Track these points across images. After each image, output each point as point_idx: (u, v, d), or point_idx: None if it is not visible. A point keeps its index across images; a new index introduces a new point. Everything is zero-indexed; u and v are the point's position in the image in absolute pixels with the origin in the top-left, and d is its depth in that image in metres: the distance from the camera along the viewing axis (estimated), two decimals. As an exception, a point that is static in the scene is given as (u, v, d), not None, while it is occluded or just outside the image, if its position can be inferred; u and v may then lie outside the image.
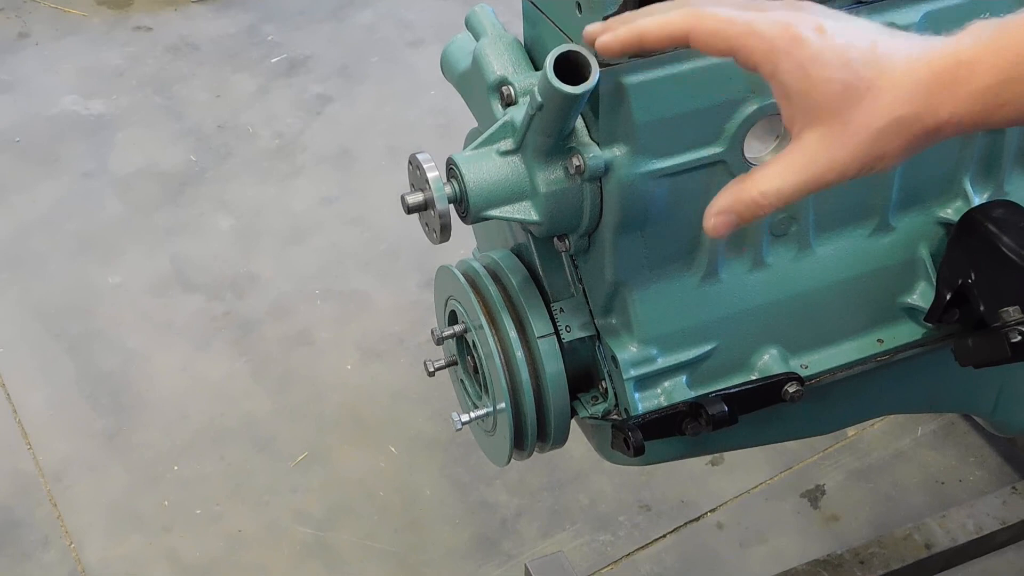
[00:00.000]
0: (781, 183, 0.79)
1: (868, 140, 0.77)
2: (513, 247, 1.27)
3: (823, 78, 0.76)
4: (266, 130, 2.98)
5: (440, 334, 1.31)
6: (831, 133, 0.77)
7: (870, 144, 0.77)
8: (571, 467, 2.12)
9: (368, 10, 3.40)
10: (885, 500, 2.07)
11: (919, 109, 0.77)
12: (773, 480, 2.11)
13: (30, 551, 2.05)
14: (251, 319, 2.47)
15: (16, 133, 3.01)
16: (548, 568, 1.81)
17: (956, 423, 2.17)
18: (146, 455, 2.21)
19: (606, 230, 1.12)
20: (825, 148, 0.77)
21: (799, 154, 0.78)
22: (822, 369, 1.23)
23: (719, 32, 0.80)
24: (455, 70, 1.27)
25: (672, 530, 2.04)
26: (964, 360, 1.17)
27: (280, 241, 2.67)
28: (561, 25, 1.09)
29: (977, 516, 1.90)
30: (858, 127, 0.76)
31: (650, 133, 1.07)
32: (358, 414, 2.27)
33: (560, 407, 1.22)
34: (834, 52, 0.77)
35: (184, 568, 2.03)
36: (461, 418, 1.29)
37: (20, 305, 2.53)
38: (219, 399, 2.31)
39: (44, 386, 2.35)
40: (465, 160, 1.10)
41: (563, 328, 1.20)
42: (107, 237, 2.69)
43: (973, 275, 1.17)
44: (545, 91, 1.00)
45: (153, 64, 3.24)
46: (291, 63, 3.22)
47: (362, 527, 2.07)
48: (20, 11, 3.47)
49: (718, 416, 1.16)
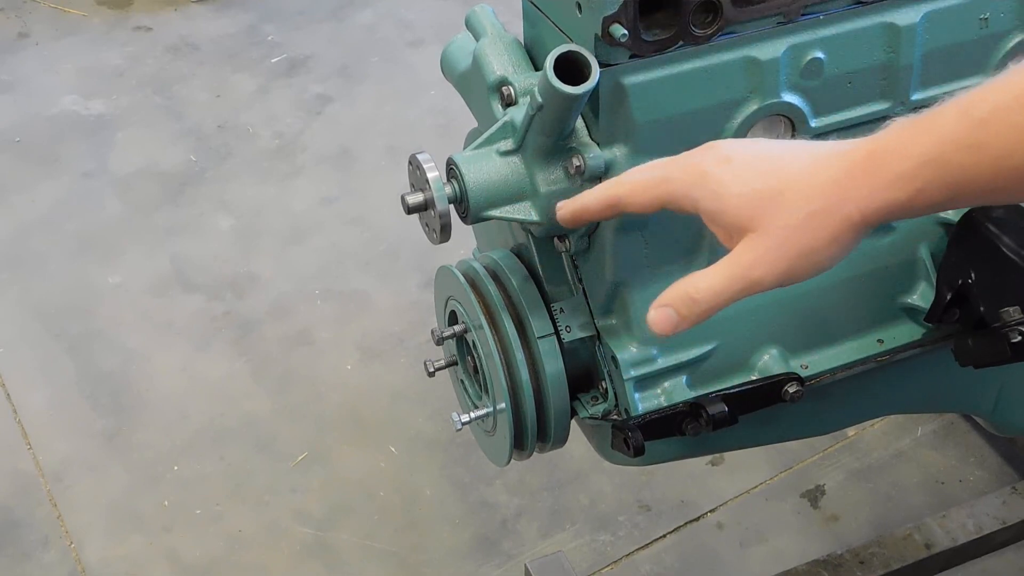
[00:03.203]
0: (712, 281, 0.85)
1: (787, 238, 0.83)
2: (513, 247, 1.27)
3: (733, 195, 0.84)
4: (266, 130, 2.98)
5: (440, 334, 1.31)
6: (754, 238, 0.83)
7: (790, 241, 0.83)
8: (571, 467, 2.12)
9: (368, 10, 3.41)
10: (885, 500, 2.07)
11: (833, 202, 0.82)
12: (773, 480, 2.11)
13: (30, 551, 2.05)
14: (251, 319, 2.47)
15: (16, 133, 3.01)
16: (548, 568, 1.81)
17: (956, 423, 2.17)
18: (146, 455, 2.21)
19: (606, 230, 1.12)
20: (750, 250, 0.83)
21: (730, 258, 0.85)
22: (822, 369, 1.23)
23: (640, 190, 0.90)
24: (455, 70, 1.27)
25: (672, 530, 2.04)
26: (964, 360, 1.17)
27: (280, 241, 2.67)
28: (561, 25, 1.09)
29: (977, 516, 1.90)
30: (775, 228, 0.82)
31: (650, 133, 1.07)
32: (358, 414, 2.27)
33: (560, 407, 1.22)
34: (740, 174, 0.84)
35: (184, 568, 2.03)
36: (461, 418, 1.29)
37: (20, 305, 2.53)
38: (219, 399, 2.31)
39: (44, 386, 2.35)
40: (465, 160, 1.10)
41: (563, 328, 1.20)
42: (107, 237, 2.69)
43: (973, 275, 1.17)
44: (545, 91, 1.00)
45: (153, 64, 3.24)
46: (291, 63, 3.22)
47: (362, 527, 2.07)
48: (20, 11, 3.47)
49: (718, 416, 1.16)
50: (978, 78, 1.17)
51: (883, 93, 1.14)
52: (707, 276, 0.85)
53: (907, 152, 0.81)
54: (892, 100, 1.15)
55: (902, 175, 0.81)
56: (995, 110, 0.78)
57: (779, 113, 1.11)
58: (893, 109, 1.15)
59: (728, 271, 0.84)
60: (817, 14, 1.08)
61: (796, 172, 0.83)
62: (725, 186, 0.84)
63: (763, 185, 0.83)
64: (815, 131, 1.13)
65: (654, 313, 0.88)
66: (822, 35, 1.09)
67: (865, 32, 1.11)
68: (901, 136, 0.82)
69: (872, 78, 1.13)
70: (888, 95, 1.15)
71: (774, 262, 0.83)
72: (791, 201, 0.82)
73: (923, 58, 1.13)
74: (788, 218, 0.82)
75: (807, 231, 0.82)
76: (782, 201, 0.82)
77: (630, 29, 1.00)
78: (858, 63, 1.12)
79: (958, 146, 0.79)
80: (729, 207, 0.84)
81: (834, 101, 1.13)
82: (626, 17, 1.00)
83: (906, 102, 1.15)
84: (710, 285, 0.85)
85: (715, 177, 0.85)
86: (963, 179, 0.80)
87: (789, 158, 0.85)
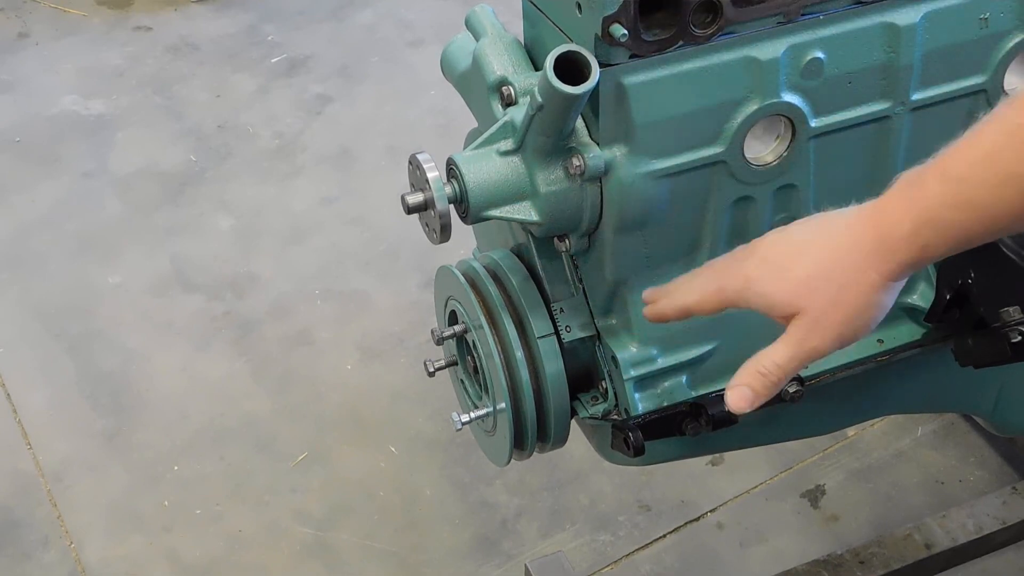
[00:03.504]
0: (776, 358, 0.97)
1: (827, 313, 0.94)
2: (513, 247, 1.27)
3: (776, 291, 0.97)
4: (266, 130, 2.98)
5: (440, 334, 1.31)
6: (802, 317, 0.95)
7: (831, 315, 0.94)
8: (571, 467, 2.12)
9: (368, 10, 3.40)
10: (885, 500, 2.07)
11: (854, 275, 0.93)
12: (773, 480, 2.11)
13: (30, 551, 2.05)
14: (251, 319, 2.47)
15: (16, 133, 3.01)
16: (548, 568, 1.81)
17: (956, 423, 2.17)
18: (146, 455, 2.21)
19: (606, 230, 1.12)
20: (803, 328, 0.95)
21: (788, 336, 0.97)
22: (822, 369, 1.23)
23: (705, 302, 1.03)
24: (455, 70, 1.27)
25: (672, 530, 2.04)
26: (964, 360, 1.17)
27: (280, 241, 2.67)
28: (561, 25, 1.08)
29: (977, 516, 1.90)
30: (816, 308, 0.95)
31: (650, 133, 1.07)
32: (358, 414, 2.27)
33: (560, 407, 1.22)
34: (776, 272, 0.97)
35: (184, 568, 2.03)
36: (461, 418, 1.29)
37: (20, 305, 2.53)
38: (219, 399, 2.31)
39: (44, 386, 2.35)
40: (465, 160, 1.10)
41: (563, 328, 1.20)
42: (107, 237, 2.69)
43: (973, 275, 1.17)
44: (545, 91, 1.00)
45: (153, 64, 3.24)
46: (291, 63, 3.21)
47: (362, 527, 2.07)
48: (20, 11, 3.47)
49: (718, 416, 1.16)
50: (978, 78, 1.17)
51: (883, 93, 1.14)
52: (771, 354, 0.97)
53: (903, 218, 0.90)
54: (892, 100, 1.15)
55: (904, 238, 0.90)
56: (971, 167, 0.86)
57: (779, 113, 1.11)
58: (893, 109, 1.15)
59: (789, 348, 0.96)
60: (817, 14, 1.08)
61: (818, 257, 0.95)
62: (767, 285, 0.97)
63: (797, 275, 0.95)
64: (815, 131, 1.14)
65: (731, 394, 0.98)
66: (822, 35, 1.09)
67: (865, 32, 1.11)
68: (897, 203, 0.91)
69: (872, 78, 1.13)
70: (888, 95, 1.15)
71: (824, 333, 0.95)
72: (822, 283, 0.94)
73: (923, 58, 1.13)
74: (823, 297, 0.94)
75: (842, 304, 0.93)
76: (815, 285, 0.94)
77: (630, 29, 1.00)
78: (858, 63, 1.12)
79: (945, 206, 0.88)
80: (776, 302, 0.96)
81: (834, 101, 1.13)
82: (626, 17, 1.00)
83: (906, 102, 1.15)
84: (774, 361, 0.97)
85: (757, 280, 0.98)
86: (960, 232, 0.89)
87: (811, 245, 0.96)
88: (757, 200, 1.15)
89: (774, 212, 1.17)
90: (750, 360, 0.98)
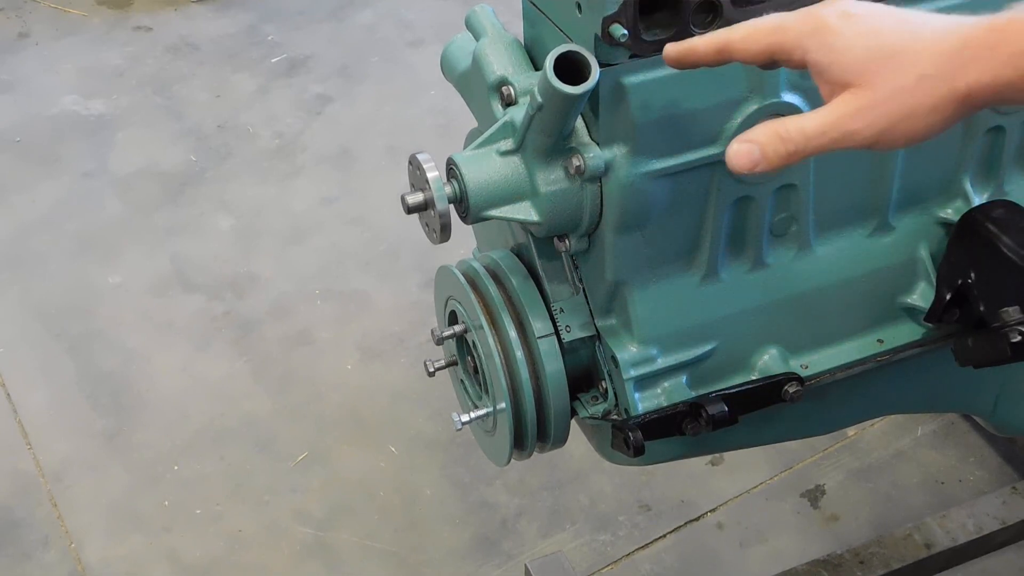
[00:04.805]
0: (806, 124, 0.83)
1: (893, 96, 0.82)
2: (513, 247, 1.27)
3: (848, 47, 0.83)
4: (266, 130, 2.99)
5: (440, 334, 1.31)
6: (858, 91, 0.82)
7: (895, 100, 0.82)
8: (571, 467, 2.12)
9: (368, 10, 3.41)
10: (885, 500, 2.07)
11: (946, 70, 0.81)
12: (773, 480, 2.11)
13: (30, 551, 2.05)
14: (251, 319, 2.47)
15: (16, 133, 3.01)
16: (548, 568, 1.81)
17: (956, 423, 2.17)
18: (146, 455, 2.21)
19: (606, 230, 1.12)
20: (853, 102, 0.83)
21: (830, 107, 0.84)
22: (822, 369, 1.23)
23: (750, 36, 0.89)
24: (455, 70, 1.27)
25: (672, 530, 2.04)
26: (964, 360, 1.17)
27: (280, 241, 2.67)
28: (561, 25, 1.08)
29: (977, 516, 1.90)
30: (883, 85, 0.82)
31: (650, 133, 1.07)
32: (358, 414, 2.27)
33: (560, 407, 1.22)
34: (860, 30, 0.84)
35: (184, 568, 2.03)
36: (461, 418, 1.29)
37: (20, 305, 2.53)
38: (219, 399, 2.31)
39: (44, 386, 2.35)
40: (465, 160, 1.10)
41: (563, 328, 1.20)
42: (107, 237, 2.69)
43: (973, 275, 1.17)
44: (545, 91, 1.00)
45: (153, 64, 3.24)
46: (291, 63, 3.22)
47: (362, 527, 2.07)
48: (20, 11, 3.47)
49: (718, 416, 1.16)
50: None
51: (883, 93, 1.14)
52: (801, 119, 0.84)
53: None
54: (892, 100, 1.15)
55: (1016, 53, 0.80)
56: None
57: (779, 113, 1.11)
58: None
59: (826, 118, 0.83)
60: (817, 14, 1.08)
61: (915, 37, 0.83)
62: (842, 39, 0.84)
63: (880, 43, 0.83)
64: (815, 131, 1.13)
65: (736, 147, 0.86)
66: (822, 35, 1.09)
67: (865, 32, 1.10)
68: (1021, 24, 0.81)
69: (872, 78, 1.13)
70: (888, 95, 1.14)
71: (875, 118, 0.82)
72: (906, 62, 0.82)
73: (923, 58, 1.13)
74: (899, 78, 0.82)
75: (914, 94, 0.82)
76: (896, 62, 0.82)
77: (630, 29, 1.00)
78: (858, 63, 1.12)
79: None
80: (841, 60, 0.83)
81: (834, 101, 1.13)
82: (626, 17, 1.00)
83: (906, 102, 1.15)
84: (801, 127, 0.84)
85: (833, 29, 0.84)
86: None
87: (911, 23, 0.84)
88: (757, 200, 1.15)
89: (774, 212, 1.17)
90: (772, 120, 0.87)
